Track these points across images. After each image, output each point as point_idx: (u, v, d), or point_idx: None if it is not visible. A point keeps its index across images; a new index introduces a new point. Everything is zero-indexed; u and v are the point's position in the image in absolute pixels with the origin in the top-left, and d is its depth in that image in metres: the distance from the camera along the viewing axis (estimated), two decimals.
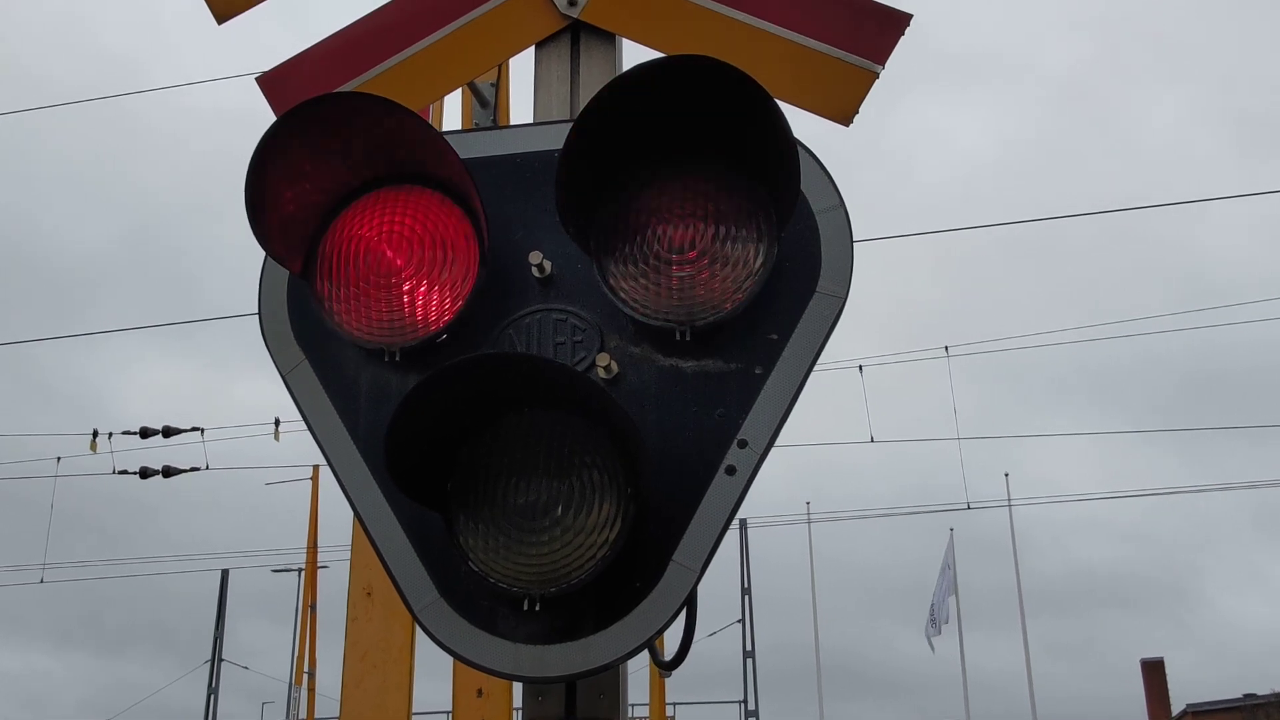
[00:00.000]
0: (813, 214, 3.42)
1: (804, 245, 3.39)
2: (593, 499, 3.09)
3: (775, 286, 3.30)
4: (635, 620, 3.13)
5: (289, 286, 3.58)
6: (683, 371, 3.33)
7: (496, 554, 3.09)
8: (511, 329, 3.41)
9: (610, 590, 3.13)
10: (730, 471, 3.23)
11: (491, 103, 6.75)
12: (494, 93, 6.81)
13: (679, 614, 3.16)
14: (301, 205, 3.38)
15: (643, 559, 3.15)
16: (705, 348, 3.32)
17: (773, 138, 3.09)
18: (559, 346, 3.39)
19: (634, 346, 3.36)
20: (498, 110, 6.84)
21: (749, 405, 3.28)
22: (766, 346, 3.33)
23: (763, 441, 3.26)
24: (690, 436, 3.27)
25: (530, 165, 3.58)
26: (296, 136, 3.25)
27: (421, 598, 3.24)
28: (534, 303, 3.44)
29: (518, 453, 3.12)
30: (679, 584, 3.14)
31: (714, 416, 3.28)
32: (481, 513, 3.11)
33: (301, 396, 3.47)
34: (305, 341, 3.53)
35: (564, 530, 3.08)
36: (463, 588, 3.22)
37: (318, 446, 3.41)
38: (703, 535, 3.18)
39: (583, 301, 3.42)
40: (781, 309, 3.34)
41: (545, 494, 3.10)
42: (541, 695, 3.42)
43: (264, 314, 3.59)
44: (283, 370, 3.52)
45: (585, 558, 3.06)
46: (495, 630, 3.18)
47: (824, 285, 3.37)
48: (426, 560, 3.27)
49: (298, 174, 3.32)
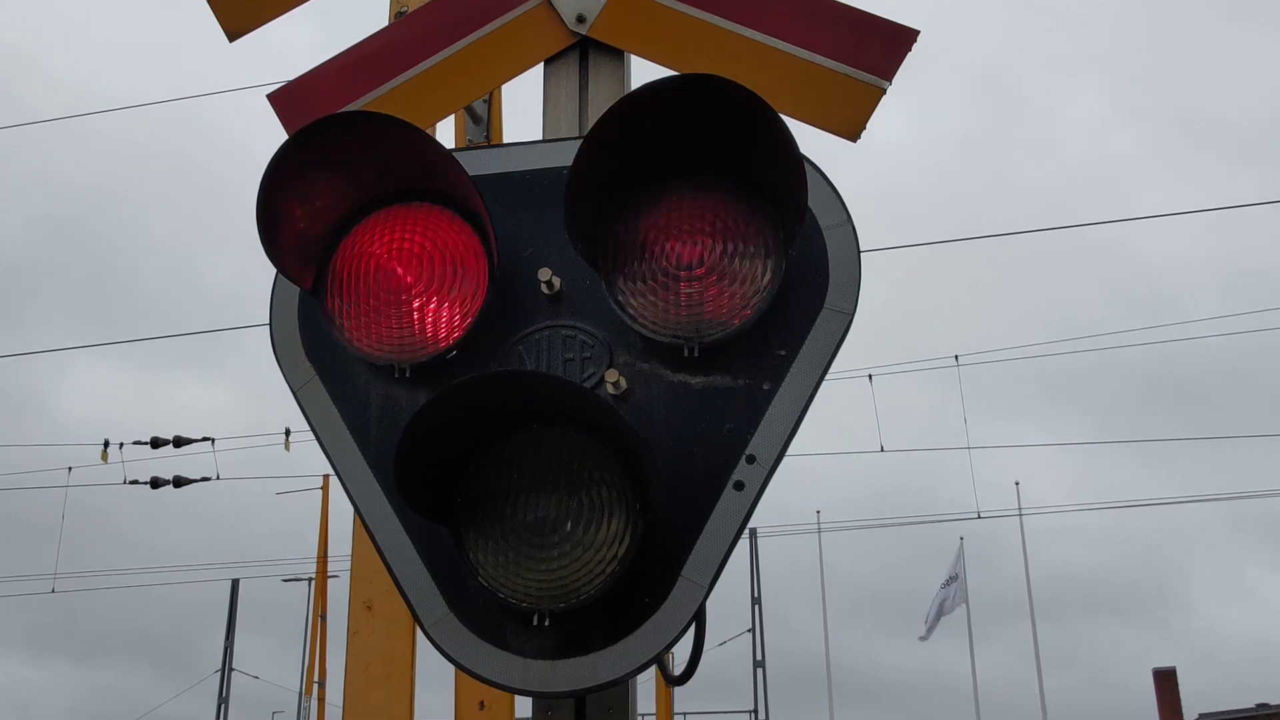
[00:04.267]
0: (820, 230, 3.44)
1: (812, 261, 3.41)
2: (602, 515, 3.10)
3: (783, 302, 3.32)
4: (644, 635, 3.14)
5: (300, 303, 3.61)
6: (691, 387, 3.34)
7: (506, 570, 3.11)
8: (521, 345, 3.43)
9: (619, 605, 3.14)
10: (739, 487, 3.24)
11: (484, 119, 6.78)
12: (486, 109, 6.85)
13: (688, 629, 3.17)
14: (312, 222, 3.41)
15: (652, 574, 3.16)
16: (713, 364, 3.34)
17: (780, 155, 3.11)
18: (568, 363, 3.40)
19: (642, 362, 3.38)
20: (490, 127, 6.88)
21: (757, 421, 3.30)
22: (775, 362, 3.34)
23: (771, 457, 3.27)
24: (698, 452, 3.29)
25: (539, 182, 3.60)
26: (308, 154, 3.27)
27: (431, 612, 3.26)
28: (543, 319, 3.45)
29: (527, 469, 3.14)
30: (688, 599, 3.15)
31: (722, 432, 3.29)
32: (491, 529, 3.12)
33: (312, 412, 3.49)
34: (316, 357, 3.55)
35: (573, 546, 3.09)
36: (472, 602, 3.23)
37: (328, 461, 3.43)
38: (711, 550, 3.19)
39: (591, 318, 3.43)
40: (790, 325, 3.36)
41: (554, 510, 3.11)
42: (551, 710, 3.43)
43: (275, 330, 3.61)
44: (294, 386, 3.54)
45: (594, 573, 3.07)
46: (505, 645, 3.20)
47: (832, 301, 3.38)
48: (436, 575, 3.28)
49: (309, 191, 3.35)
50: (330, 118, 3.26)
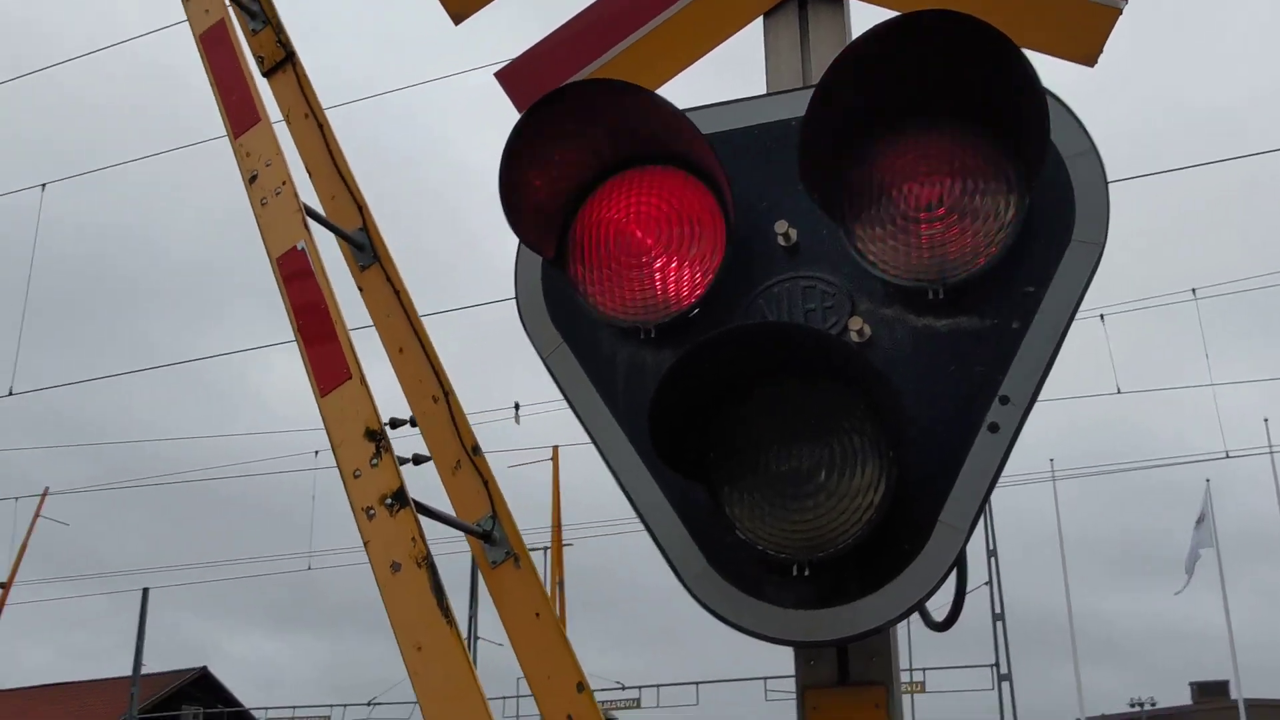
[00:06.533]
0: (1063, 161, 3.32)
1: (1056, 194, 3.30)
2: (855, 463, 3.09)
3: (1029, 238, 3.22)
4: (905, 582, 3.12)
5: (543, 272, 3.70)
6: (937, 331, 3.29)
7: (762, 521, 3.13)
8: (761, 299, 3.43)
9: (878, 553, 3.13)
10: (993, 429, 3.18)
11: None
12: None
13: (949, 574, 3.13)
14: (552, 193, 3.49)
15: (909, 521, 3.13)
16: (959, 305, 3.27)
17: (1020, 86, 3.02)
18: (809, 313, 3.39)
19: (885, 309, 3.34)
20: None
21: (1008, 361, 3.22)
22: (1023, 300, 3.25)
23: (1025, 397, 3.19)
24: (949, 396, 3.23)
25: (770, 135, 3.59)
26: (543, 127, 3.35)
27: (690, 567, 3.31)
28: (781, 272, 3.45)
29: (777, 421, 3.15)
30: (948, 544, 3.12)
31: (973, 374, 3.23)
32: (745, 482, 3.15)
33: (562, 378, 3.59)
34: (562, 324, 3.65)
35: (828, 495, 3.09)
36: (730, 556, 3.27)
37: (581, 425, 3.52)
38: (969, 494, 3.15)
39: (830, 267, 3.41)
40: (1037, 261, 3.26)
41: (807, 460, 3.12)
42: (813, 660, 3.45)
43: (521, 300, 3.72)
44: (542, 353, 3.64)
45: (851, 521, 3.07)
46: (764, 597, 3.23)
47: (1080, 233, 3.26)
48: (693, 531, 3.33)
49: (547, 162, 3.43)
50: (562, 89, 3.33)
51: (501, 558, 4.55)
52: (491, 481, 4.60)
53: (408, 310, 4.90)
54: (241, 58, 4.91)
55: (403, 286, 4.99)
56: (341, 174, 5.11)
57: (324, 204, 5.09)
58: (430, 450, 4.77)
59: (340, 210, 5.08)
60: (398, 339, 4.91)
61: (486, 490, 4.60)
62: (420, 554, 3.58)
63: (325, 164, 5.08)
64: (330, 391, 3.91)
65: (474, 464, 4.65)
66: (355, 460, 3.79)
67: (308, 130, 5.17)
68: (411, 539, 3.61)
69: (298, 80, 5.29)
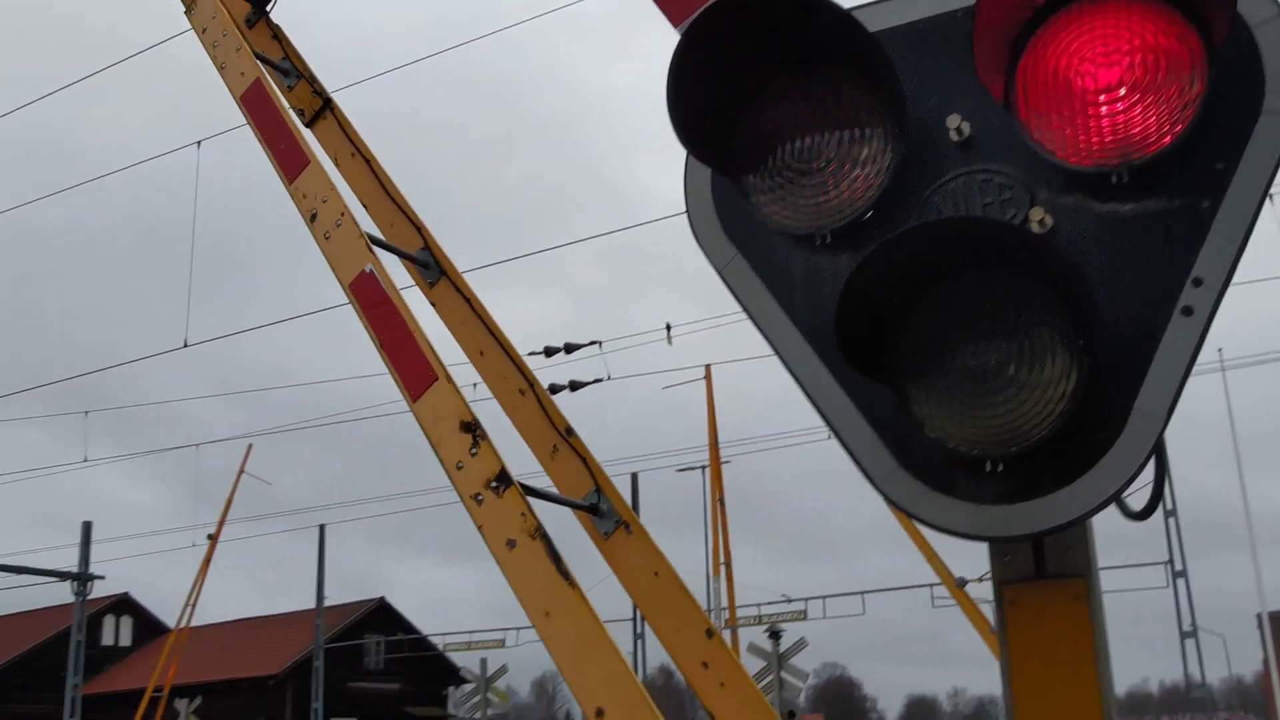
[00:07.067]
0: (1249, 28, 3.18)
1: (1243, 63, 3.16)
2: (1044, 355, 3.05)
3: (1216, 112, 3.11)
4: (1101, 472, 3.08)
5: (713, 185, 3.72)
6: (1122, 215, 3.21)
7: (952, 419, 3.13)
8: (936, 196, 3.39)
9: (1073, 444, 3.09)
10: (1187, 312, 3.10)
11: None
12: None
13: (1147, 463, 3.09)
14: (719, 105, 3.49)
15: (1103, 411, 3.09)
16: (1144, 187, 3.18)
17: None
18: (987, 207, 3.34)
19: (1066, 197, 3.27)
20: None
21: (1199, 241, 3.13)
22: (1212, 177, 3.15)
23: (1219, 278, 3.10)
24: (1138, 281, 3.16)
25: (936, 28, 3.52)
26: (706, 39, 3.34)
27: (880, 468, 3.33)
28: (955, 167, 3.40)
29: (963, 318, 3.12)
30: (1145, 432, 3.06)
31: (1162, 257, 3.15)
32: (933, 380, 3.14)
33: (739, 289, 3.61)
34: (735, 236, 3.66)
35: (1019, 389, 3.07)
36: (919, 455, 3.28)
37: (761, 335, 3.54)
38: (1164, 380, 3.08)
39: (1005, 158, 3.35)
40: (1225, 135, 3.14)
41: (995, 355, 3.09)
42: (1008, 555, 3.44)
43: (693, 214, 3.75)
44: (717, 266, 3.67)
45: (1043, 414, 3.04)
46: (957, 493, 3.23)
47: (1271, 103, 3.13)
48: (881, 433, 3.35)
49: (711, 76, 3.42)
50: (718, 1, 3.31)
51: (612, 528, 4.72)
52: (590, 459, 4.77)
53: (481, 315, 5.11)
54: (282, 109, 5.22)
55: (472, 294, 5.17)
56: (395, 201, 5.35)
57: (384, 231, 5.33)
58: (525, 440, 5.00)
59: (400, 235, 5.32)
60: (477, 343, 5.12)
61: (587, 467, 4.78)
62: (532, 527, 3.75)
63: (378, 195, 5.39)
64: (421, 395, 4.11)
65: (570, 445, 4.83)
66: (456, 454, 3.98)
67: (356, 167, 5.46)
68: (521, 514, 3.78)
69: (339, 124, 5.56)
